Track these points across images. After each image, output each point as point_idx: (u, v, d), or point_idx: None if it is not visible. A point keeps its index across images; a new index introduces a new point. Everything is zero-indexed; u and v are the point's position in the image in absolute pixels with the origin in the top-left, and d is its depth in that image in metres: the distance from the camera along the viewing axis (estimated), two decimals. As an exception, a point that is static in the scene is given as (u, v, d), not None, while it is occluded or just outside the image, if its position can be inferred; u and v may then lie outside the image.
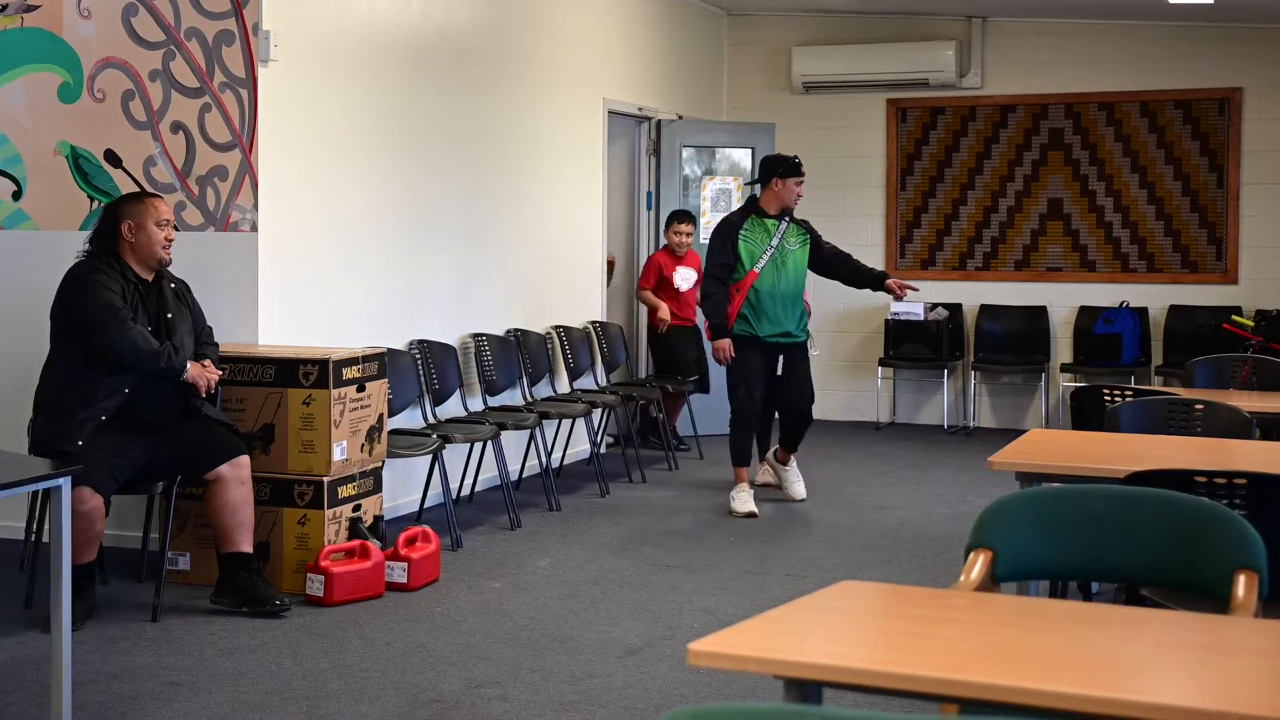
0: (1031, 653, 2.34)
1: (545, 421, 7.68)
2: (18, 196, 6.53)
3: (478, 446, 7.41)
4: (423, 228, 7.36)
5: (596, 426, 8.51)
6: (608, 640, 5.09)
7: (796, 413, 7.62)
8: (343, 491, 5.80)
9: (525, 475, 7.99)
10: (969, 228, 10.79)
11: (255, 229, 6.19)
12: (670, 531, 7.00)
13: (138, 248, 5.42)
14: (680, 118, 10.29)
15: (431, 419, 7.09)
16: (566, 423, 8.38)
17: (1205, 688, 2.23)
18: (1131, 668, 2.30)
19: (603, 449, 8.69)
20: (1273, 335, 8.98)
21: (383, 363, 6.09)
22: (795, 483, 7.73)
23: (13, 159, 6.53)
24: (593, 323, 9.02)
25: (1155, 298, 10.32)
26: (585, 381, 8.71)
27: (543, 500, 7.52)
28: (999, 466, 4.17)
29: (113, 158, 6.36)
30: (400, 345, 7.00)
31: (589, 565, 6.26)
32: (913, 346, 10.60)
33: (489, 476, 7.56)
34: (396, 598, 5.63)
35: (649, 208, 10.12)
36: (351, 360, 5.85)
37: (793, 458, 7.79)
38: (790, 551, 6.59)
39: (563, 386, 8.51)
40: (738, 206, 8.29)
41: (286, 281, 6.37)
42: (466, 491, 7.53)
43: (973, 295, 10.74)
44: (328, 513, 5.70)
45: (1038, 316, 10.57)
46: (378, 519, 6.02)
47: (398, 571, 5.71)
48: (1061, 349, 10.56)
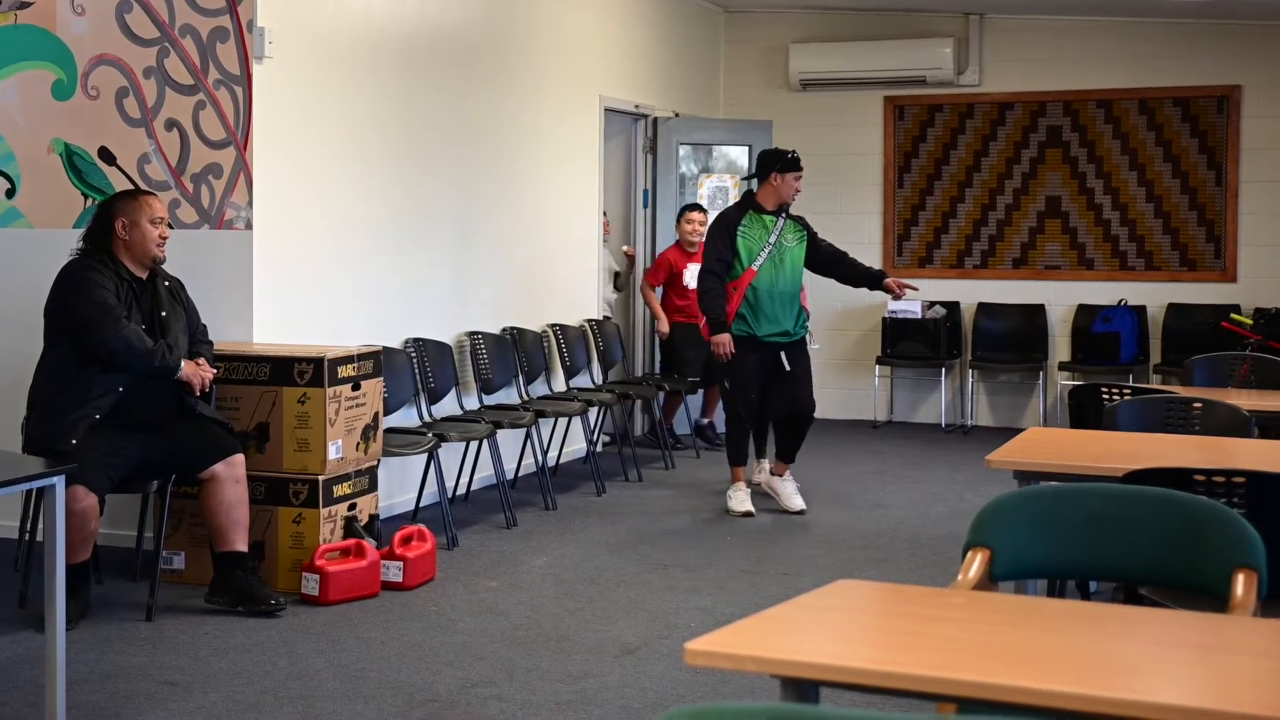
0: (1029, 652, 2.33)
1: (541, 420, 7.66)
2: (11, 194, 6.51)
3: (473, 445, 7.39)
4: (418, 225, 7.34)
5: (593, 425, 8.49)
6: (604, 639, 5.08)
7: (795, 417, 7.36)
8: (338, 490, 5.78)
9: (521, 474, 7.97)
10: (967, 226, 10.78)
11: (250, 227, 6.18)
12: (667, 530, 6.98)
13: (132, 246, 5.41)
14: (677, 115, 10.27)
15: (427, 417, 7.07)
16: (563, 421, 8.37)
17: (1204, 687, 2.23)
18: (1130, 667, 2.29)
19: (599, 447, 8.67)
20: (1271, 333, 8.96)
21: (378, 361, 6.08)
22: (793, 495, 7.38)
23: (6, 157, 6.51)
24: (589, 321, 9.01)
25: (1153, 296, 10.31)
26: (581, 380, 8.70)
27: (539, 499, 7.50)
28: (997, 465, 4.16)
29: (107, 155, 6.34)
30: (396, 343, 6.98)
31: (585, 564, 6.24)
32: (910, 345, 10.58)
33: (485, 475, 7.55)
34: (392, 597, 5.61)
35: (645, 205, 10.10)
36: (347, 358, 5.83)
37: (789, 470, 7.48)
38: (787, 550, 6.58)
39: (559, 385, 8.50)
40: (734, 202, 8.20)
41: (281, 279, 6.35)
42: (462, 490, 7.52)
43: (970, 293, 10.72)
44: (323, 511, 5.69)
45: (1036, 315, 10.55)
46: (373, 518, 6.01)
47: (393, 570, 5.70)
48: (1059, 347, 10.54)
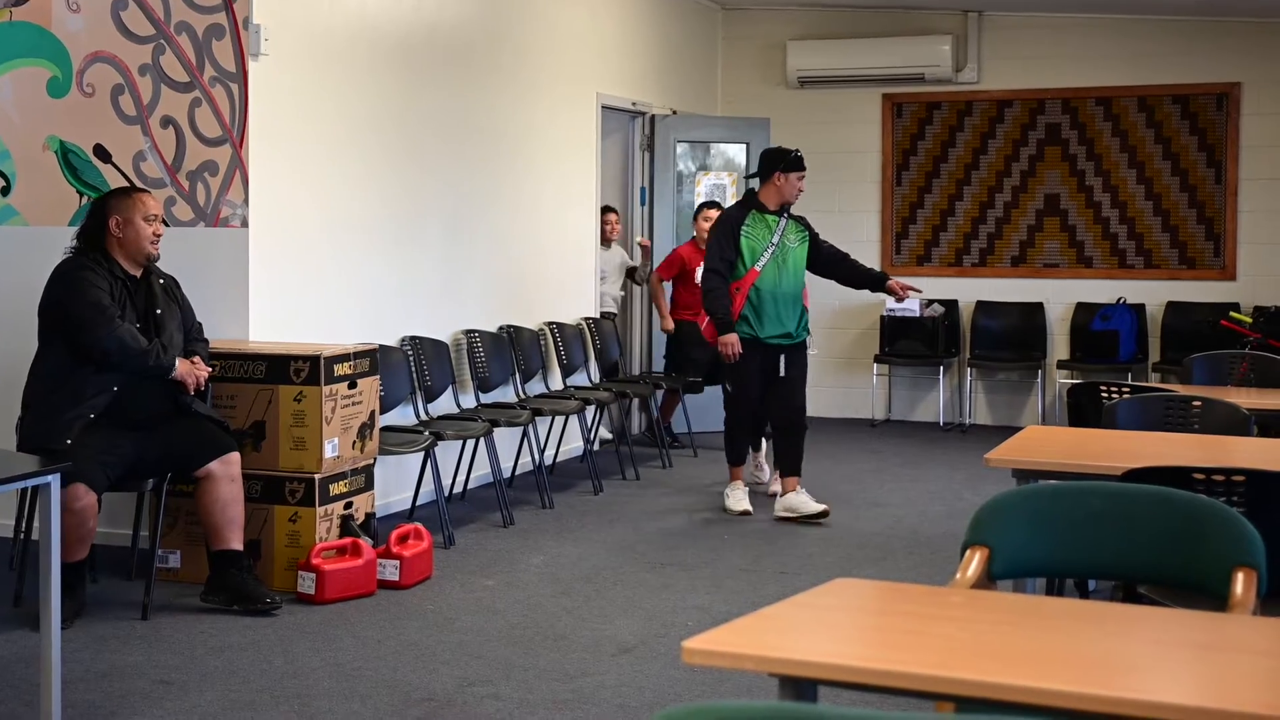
0: (1028, 651, 2.32)
1: (538, 418, 7.64)
2: (6, 192, 6.49)
3: (470, 443, 7.38)
4: (414, 223, 7.32)
5: (590, 423, 8.48)
6: (601, 638, 5.06)
7: (787, 425, 7.24)
8: (334, 489, 5.76)
9: (518, 472, 7.96)
10: (965, 224, 10.76)
11: (246, 224, 6.16)
12: (664, 529, 6.97)
13: (126, 243, 5.38)
14: (674, 113, 10.25)
15: (424, 416, 7.05)
16: (559, 420, 8.35)
17: (1203, 686, 2.21)
18: (1129, 665, 2.28)
19: (596, 446, 8.65)
20: (1271, 332, 8.95)
21: (374, 359, 6.06)
22: (808, 502, 7.08)
23: (1, 154, 6.49)
24: (586, 319, 8.99)
25: (1153, 294, 10.29)
26: (578, 378, 8.68)
27: (535, 498, 7.49)
28: (995, 464, 4.14)
29: (102, 153, 6.32)
30: (392, 341, 6.97)
31: (582, 563, 6.22)
32: (908, 343, 10.57)
33: (481, 474, 7.53)
34: (388, 595, 5.60)
35: (642, 203, 10.08)
36: (343, 357, 5.81)
37: (798, 482, 7.16)
38: (785, 549, 6.56)
39: (555, 383, 8.48)
40: (735, 201, 8.13)
41: (277, 277, 6.33)
42: (459, 489, 7.50)
43: (969, 292, 10.71)
44: (319, 510, 5.67)
45: (1034, 313, 10.54)
46: (369, 516, 5.99)
47: (390, 569, 5.69)
48: (1058, 346, 10.53)
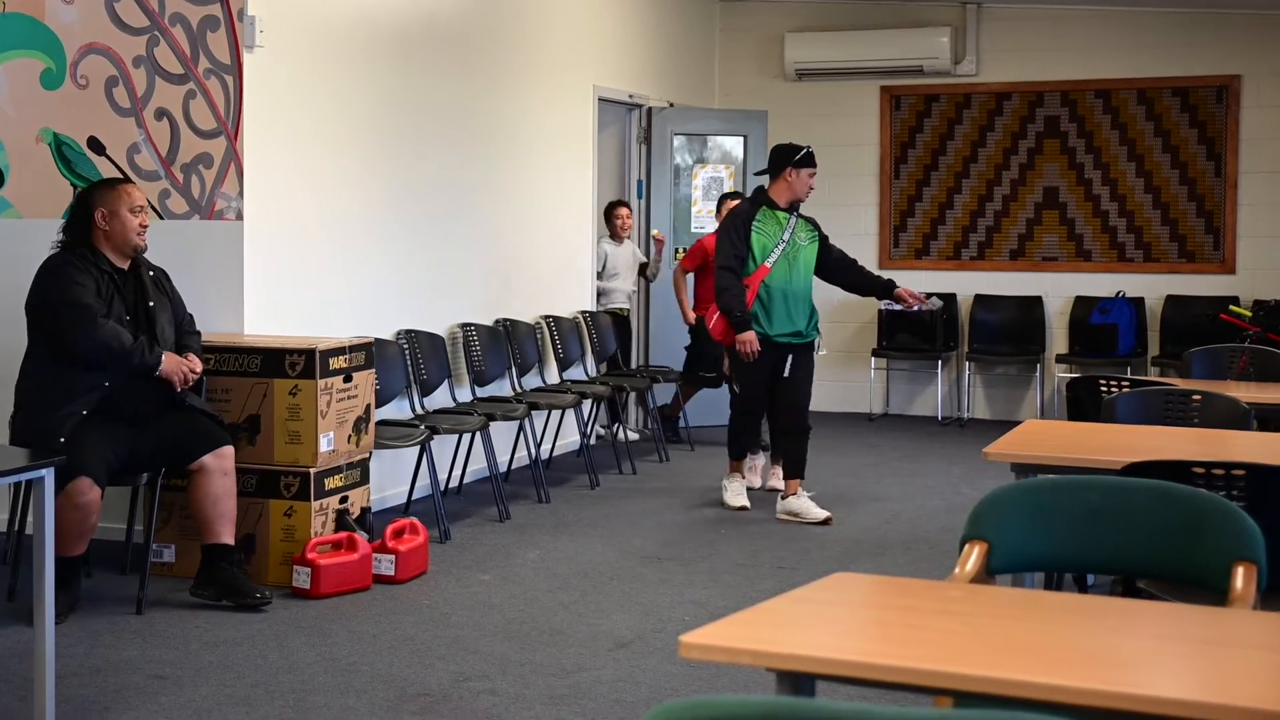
0: (1027, 645, 2.30)
1: (534, 412, 7.63)
2: (0, 184, 6.46)
3: (466, 438, 7.35)
4: (410, 216, 7.29)
5: (586, 417, 8.45)
6: (598, 633, 5.04)
7: (789, 428, 7.17)
8: (329, 483, 5.74)
9: (514, 467, 7.93)
10: (964, 217, 10.74)
11: (240, 217, 6.13)
12: (661, 524, 6.95)
13: (112, 236, 5.33)
14: (671, 105, 10.23)
15: (419, 410, 7.03)
16: (556, 414, 8.32)
17: (1203, 680, 2.20)
18: (1129, 660, 2.27)
19: (592, 440, 8.63)
20: (1270, 325, 8.94)
21: (370, 353, 6.03)
22: (811, 509, 6.99)
23: (-5, 146, 6.47)
24: (582, 312, 8.96)
25: (1152, 287, 10.27)
26: (575, 372, 8.66)
27: (532, 492, 7.46)
28: (994, 458, 4.12)
29: (96, 145, 6.29)
30: (387, 335, 6.94)
31: (579, 558, 6.20)
32: (906, 337, 10.56)
33: (477, 468, 7.51)
34: (384, 590, 5.58)
35: (640, 196, 10.06)
36: (338, 350, 5.79)
37: (800, 485, 7.09)
38: (782, 544, 6.54)
39: (552, 377, 8.46)
40: (746, 197, 7.99)
41: (272, 270, 6.30)
42: (455, 483, 7.48)
43: (967, 285, 10.69)
44: (314, 504, 5.65)
45: (1033, 306, 10.52)
46: (365, 511, 5.97)
47: (385, 564, 5.67)
48: (1057, 339, 10.51)
